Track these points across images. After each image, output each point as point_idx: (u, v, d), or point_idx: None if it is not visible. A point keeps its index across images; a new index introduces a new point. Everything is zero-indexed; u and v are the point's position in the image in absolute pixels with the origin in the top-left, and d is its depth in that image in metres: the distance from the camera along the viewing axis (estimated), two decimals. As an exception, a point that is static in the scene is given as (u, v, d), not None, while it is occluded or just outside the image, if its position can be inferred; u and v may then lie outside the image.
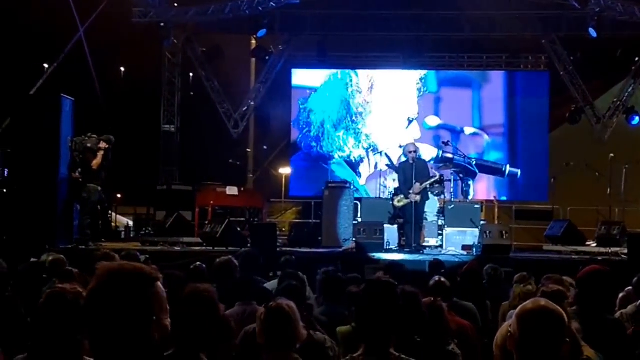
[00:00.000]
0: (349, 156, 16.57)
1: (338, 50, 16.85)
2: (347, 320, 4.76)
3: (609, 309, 4.45)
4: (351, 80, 16.80)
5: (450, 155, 14.28)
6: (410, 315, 3.55)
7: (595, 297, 4.20)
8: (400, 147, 13.61)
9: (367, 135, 16.59)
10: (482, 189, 15.68)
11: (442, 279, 5.19)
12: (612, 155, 13.03)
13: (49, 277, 5.75)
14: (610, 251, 11.05)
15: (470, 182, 13.56)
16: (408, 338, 3.31)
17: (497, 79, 16.71)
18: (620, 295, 5.59)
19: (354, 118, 16.72)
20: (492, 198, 15.21)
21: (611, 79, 16.23)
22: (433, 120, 16.50)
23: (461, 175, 13.45)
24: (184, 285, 5.73)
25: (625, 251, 10.58)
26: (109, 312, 1.91)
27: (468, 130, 16.44)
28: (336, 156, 16.63)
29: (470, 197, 13.46)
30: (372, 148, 16.25)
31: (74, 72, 13.54)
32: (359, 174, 16.43)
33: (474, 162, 13.73)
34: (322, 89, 16.87)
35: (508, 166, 15.92)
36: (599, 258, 10.44)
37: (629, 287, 5.70)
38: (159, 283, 2.04)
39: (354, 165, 16.54)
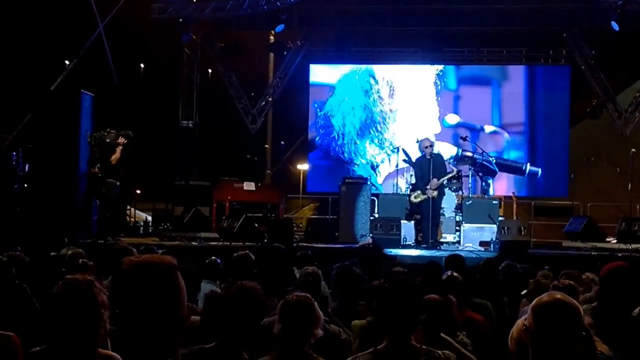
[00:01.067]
0: (370, 161, 16.58)
1: (356, 45, 16.82)
2: (361, 314, 4.76)
3: (632, 306, 4.36)
4: (371, 87, 16.76)
5: (469, 154, 14.21)
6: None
7: (618, 295, 4.10)
8: (417, 142, 13.59)
9: (390, 142, 16.55)
10: (502, 186, 15.58)
11: (455, 274, 5.17)
12: (633, 150, 12.86)
13: (68, 271, 5.80)
14: (630, 247, 10.94)
15: (490, 181, 13.49)
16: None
17: (516, 76, 16.55)
18: None
19: (378, 127, 16.69)
20: (510, 194, 15.12)
21: (634, 73, 16.01)
22: (452, 119, 16.43)
23: (480, 174, 13.38)
24: (198, 279, 5.78)
25: (647, 247, 10.49)
26: (137, 302, 1.94)
27: (488, 128, 16.35)
28: (358, 162, 16.63)
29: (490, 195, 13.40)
30: (393, 150, 16.25)
31: (93, 68, 13.64)
32: (378, 173, 16.42)
33: (494, 161, 13.65)
34: (340, 92, 16.84)
35: (528, 165, 15.80)
36: (619, 254, 10.35)
37: None
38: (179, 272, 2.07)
39: (374, 167, 16.55)
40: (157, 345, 1.96)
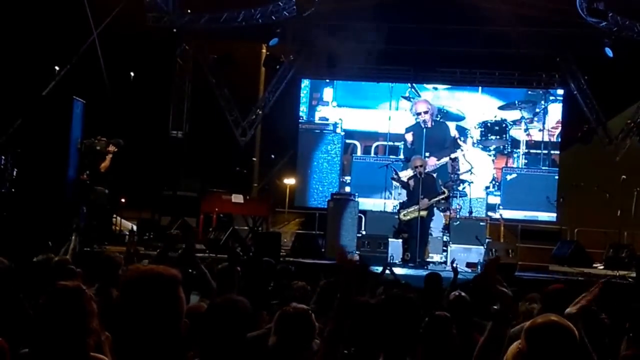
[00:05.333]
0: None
1: (349, 61, 16.82)
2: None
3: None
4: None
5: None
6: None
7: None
8: (408, 161, 13.64)
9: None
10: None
11: (463, 294, 5.07)
12: (623, 177, 12.91)
13: (54, 277, 5.72)
14: (618, 274, 10.97)
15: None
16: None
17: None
18: None
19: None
20: (497, 216, 15.17)
21: (625, 100, 16.11)
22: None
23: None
24: (187, 290, 5.72)
25: (634, 274, 10.51)
26: (139, 314, 1.91)
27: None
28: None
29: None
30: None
31: (86, 75, 13.58)
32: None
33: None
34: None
35: None
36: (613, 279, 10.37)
37: None
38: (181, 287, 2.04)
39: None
40: (154, 357, 1.93)
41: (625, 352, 4.18)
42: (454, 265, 8.14)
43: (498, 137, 15.42)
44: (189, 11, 15.74)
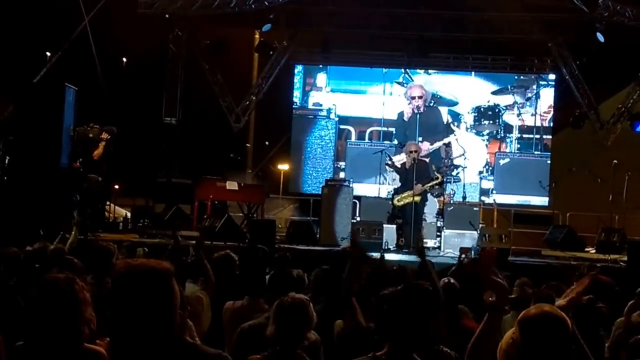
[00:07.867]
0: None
1: (342, 47, 16.82)
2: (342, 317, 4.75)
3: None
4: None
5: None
6: None
7: None
8: (402, 146, 13.65)
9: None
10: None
11: (452, 280, 5.08)
12: (615, 161, 12.97)
13: (49, 266, 5.72)
14: (609, 258, 11.04)
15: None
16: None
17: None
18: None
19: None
20: (491, 201, 15.22)
21: (616, 84, 16.16)
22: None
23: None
24: (182, 279, 5.73)
25: (625, 258, 10.58)
26: (131, 309, 1.91)
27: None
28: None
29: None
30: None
31: (77, 61, 13.49)
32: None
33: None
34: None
35: None
36: (598, 265, 10.44)
37: None
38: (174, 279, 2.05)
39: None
40: (149, 351, 1.94)
41: None
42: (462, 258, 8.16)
43: (491, 122, 15.54)
44: (181, -3, 15.64)
